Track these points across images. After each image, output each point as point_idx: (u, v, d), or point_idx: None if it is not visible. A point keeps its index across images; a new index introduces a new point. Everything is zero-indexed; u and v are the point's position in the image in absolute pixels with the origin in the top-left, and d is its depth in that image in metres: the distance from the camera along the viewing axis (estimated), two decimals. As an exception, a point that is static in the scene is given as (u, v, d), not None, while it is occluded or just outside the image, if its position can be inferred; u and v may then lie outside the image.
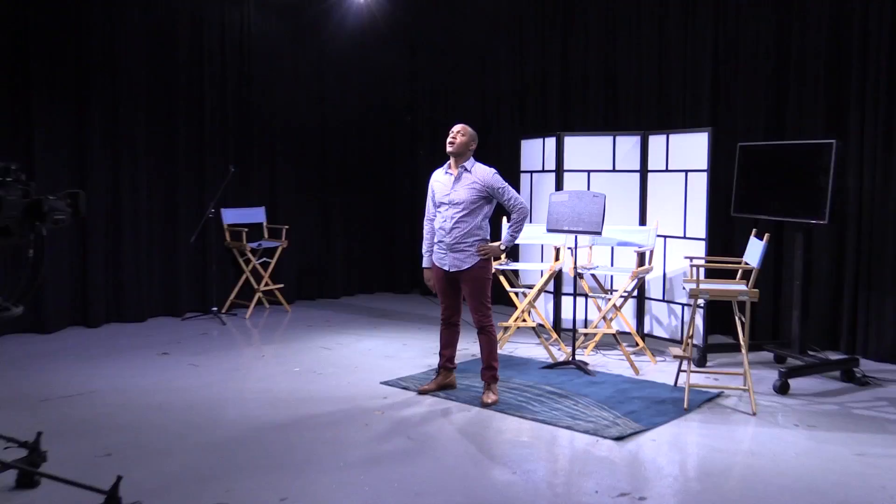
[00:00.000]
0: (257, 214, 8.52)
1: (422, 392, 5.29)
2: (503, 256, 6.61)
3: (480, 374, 5.24)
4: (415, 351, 6.61)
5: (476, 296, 5.08)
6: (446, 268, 5.09)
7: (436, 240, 5.15)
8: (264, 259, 8.32)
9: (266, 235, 8.53)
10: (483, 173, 5.08)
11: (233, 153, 8.30)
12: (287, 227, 8.42)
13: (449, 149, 5.08)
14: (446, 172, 5.16)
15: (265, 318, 8.07)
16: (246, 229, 8.06)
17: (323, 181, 9.18)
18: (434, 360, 6.21)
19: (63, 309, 7.28)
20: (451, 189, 5.07)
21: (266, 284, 8.28)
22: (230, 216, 8.26)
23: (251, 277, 8.21)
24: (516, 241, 5.27)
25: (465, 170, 5.09)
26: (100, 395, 5.27)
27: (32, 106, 6.94)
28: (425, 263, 5.26)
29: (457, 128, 5.15)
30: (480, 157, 5.31)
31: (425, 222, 5.27)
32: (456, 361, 5.41)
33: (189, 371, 5.91)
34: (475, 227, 5.04)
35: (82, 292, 7.39)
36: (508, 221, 5.20)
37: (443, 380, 5.35)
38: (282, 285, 8.47)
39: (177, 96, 7.88)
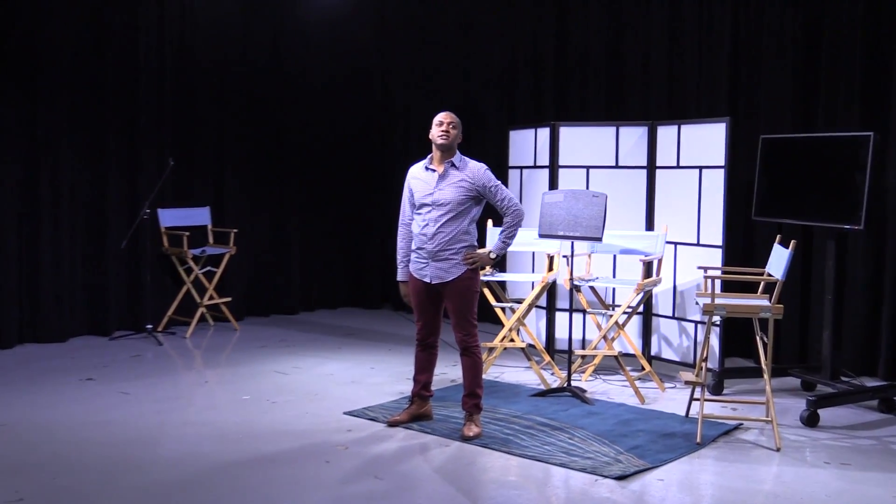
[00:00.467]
0: (201, 216, 8.48)
1: (392, 424, 5.28)
2: (488, 266, 6.61)
3: (461, 402, 5.24)
4: (384, 376, 6.60)
5: (461, 312, 5.08)
6: (427, 279, 5.09)
7: (414, 247, 5.14)
8: (209, 268, 8.28)
9: (211, 240, 8.50)
10: (474, 170, 5.10)
11: (171, 144, 8.26)
12: (236, 230, 8.39)
13: (440, 141, 5.08)
14: (427, 168, 5.15)
15: (209, 338, 8.02)
16: (187, 233, 8.02)
17: (279, 178, 9.16)
18: (407, 387, 6.18)
19: (-31, 326, 7.21)
20: (434, 188, 5.06)
21: (210, 298, 8.24)
22: (168, 218, 8.22)
23: (193, 290, 8.17)
24: (508, 249, 5.29)
25: (453, 165, 5.10)
26: (11, 428, 5.20)
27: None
28: (401, 276, 5.24)
29: (446, 117, 5.15)
30: (462, 149, 5.32)
31: (400, 227, 5.25)
32: (433, 388, 5.41)
33: (119, 400, 5.85)
34: (462, 231, 5.04)
35: (-8, 307, 7.33)
36: (499, 225, 5.22)
37: (417, 409, 5.34)
38: (229, 299, 8.44)
39: (106, 76, 7.85)
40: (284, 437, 5.08)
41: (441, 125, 5.09)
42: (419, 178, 5.15)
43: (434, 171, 5.10)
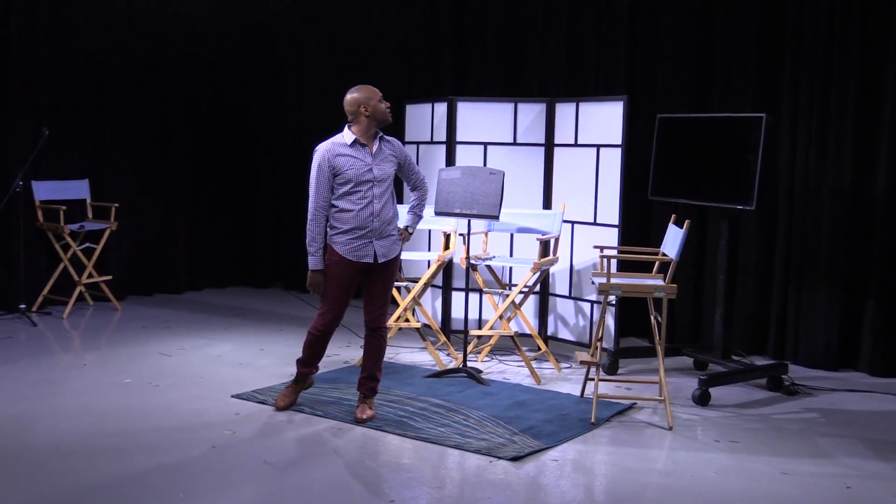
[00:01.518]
0: (79, 189, 8.23)
1: (281, 408, 5.26)
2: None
3: (358, 383, 5.25)
4: (274, 357, 6.56)
5: (389, 290, 5.22)
6: (368, 260, 5.04)
7: (346, 227, 4.97)
8: (87, 245, 8.06)
9: (90, 215, 8.26)
10: (395, 144, 5.21)
11: (46, 111, 7.98)
12: (117, 205, 8.18)
13: (390, 119, 5.12)
14: (353, 145, 5.01)
15: (88, 318, 7.82)
16: (64, 207, 7.78)
17: (163, 150, 8.94)
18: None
19: None
20: (372, 164, 5.03)
21: (89, 276, 8.03)
22: (43, 190, 7.95)
23: (70, 267, 7.93)
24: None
25: (383, 139, 5.14)
26: None
27: None
28: (315, 264, 5.01)
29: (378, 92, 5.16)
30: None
31: (316, 212, 4.99)
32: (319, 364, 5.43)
33: (-12, 384, 5.67)
34: (394, 206, 5.17)
35: None
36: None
37: (302, 385, 5.40)
38: (109, 277, 8.23)
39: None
40: (168, 422, 5.00)
41: (384, 101, 5.11)
42: (348, 156, 4.98)
43: (363, 147, 5.04)
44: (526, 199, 6.92)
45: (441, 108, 7.09)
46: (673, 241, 5.47)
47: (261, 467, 4.37)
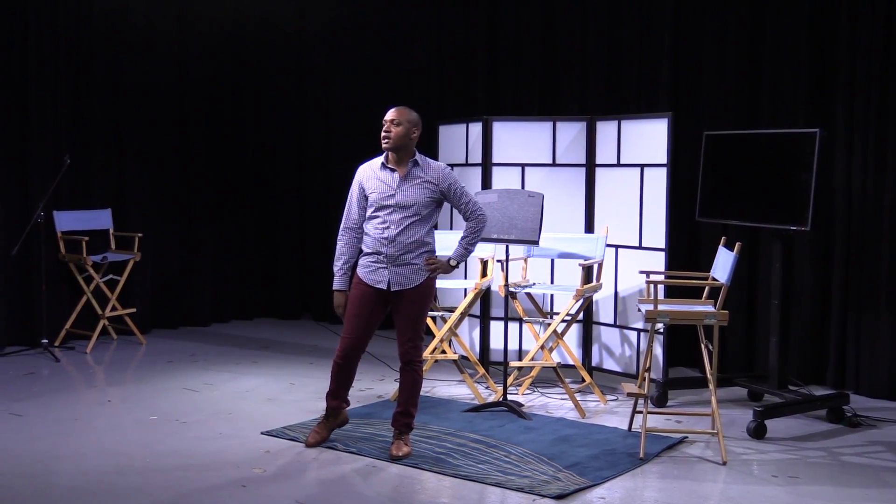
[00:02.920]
0: (101, 219, 8.33)
1: (312, 444, 5.26)
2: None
3: (392, 419, 5.24)
4: (305, 392, 6.57)
5: (415, 322, 5.14)
6: (382, 286, 5.08)
7: (368, 250, 5.12)
8: (111, 276, 8.14)
9: (113, 246, 8.36)
10: (438, 170, 5.14)
11: (66, 139, 8.10)
12: (140, 234, 8.26)
13: (385, 144, 5.07)
14: (384, 167, 5.14)
15: (112, 352, 7.89)
16: (86, 238, 7.87)
17: (187, 179, 9.04)
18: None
19: None
20: (396, 189, 5.06)
21: (113, 309, 8.10)
22: (65, 221, 8.06)
23: (93, 300, 8.02)
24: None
25: (416, 164, 5.11)
26: None
27: None
28: (339, 285, 5.19)
29: (390, 114, 5.11)
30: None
31: (343, 231, 5.21)
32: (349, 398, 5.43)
33: (9, 423, 5.72)
34: (425, 235, 5.09)
35: None
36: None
37: (334, 422, 5.37)
38: (133, 310, 8.30)
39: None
40: (196, 460, 5.02)
41: (385, 125, 5.09)
42: (377, 178, 5.12)
43: (394, 170, 5.09)
44: (567, 222, 6.91)
45: (476, 129, 7.11)
46: (724, 264, 5.43)
47: (293, 508, 4.38)
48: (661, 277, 6.04)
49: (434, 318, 6.60)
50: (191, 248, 9.12)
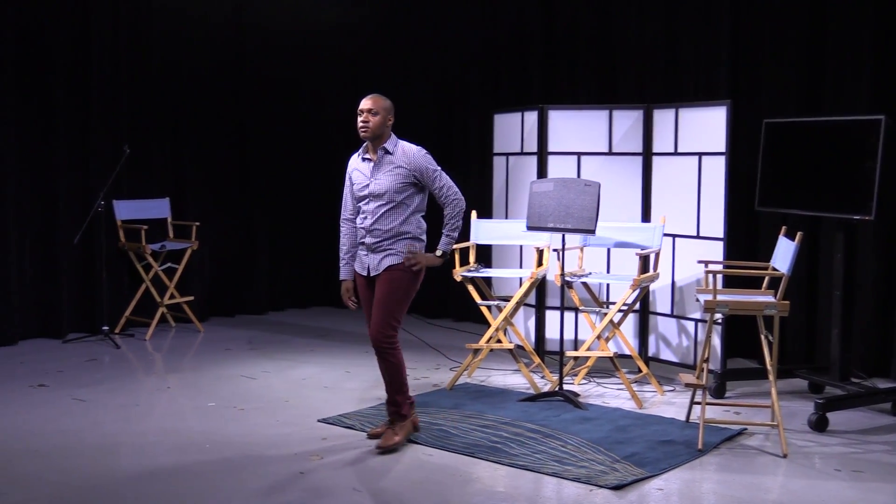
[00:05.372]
0: (160, 208, 8.44)
1: (374, 436, 5.16)
2: (472, 261, 6.64)
3: (386, 408, 5.22)
4: (361, 380, 6.61)
5: (382, 305, 5.00)
6: (364, 272, 5.13)
7: (358, 240, 5.17)
8: (169, 264, 8.25)
9: (171, 235, 8.47)
10: (410, 154, 5.06)
11: (127, 128, 8.22)
12: (198, 223, 8.36)
13: (363, 135, 5.05)
14: (363, 158, 5.15)
15: (170, 340, 8.00)
16: (145, 227, 7.99)
17: (244, 167, 9.13)
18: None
19: None
20: (370, 178, 5.06)
21: (171, 297, 8.22)
22: (125, 210, 8.18)
23: (152, 288, 8.13)
24: (455, 244, 5.21)
25: (386, 152, 5.07)
26: (-43, 439, 5.19)
27: None
28: (343, 274, 5.28)
29: (366, 103, 5.07)
30: (443, 134, 5.32)
31: (342, 222, 5.29)
32: (412, 394, 5.37)
33: (73, 407, 5.84)
34: (402, 223, 5.02)
35: (-67, 308, 7.28)
36: (484, 217, 5.21)
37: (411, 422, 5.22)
38: (191, 298, 8.41)
39: (55, 57, 7.80)
40: (254, 447, 5.07)
41: (361, 114, 5.05)
42: (357, 169, 5.16)
43: (369, 160, 5.11)
44: (623, 211, 6.87)
45: (531, 118, 7.08)
46: (784, 254, 5.35)
47: (351, 495, 4.41)
48: (719, 267, 5.97)
49: (489, 308, 6.59)
50: (247, 236, 9.21)
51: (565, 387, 6.13)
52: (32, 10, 7.69)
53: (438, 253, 5.06)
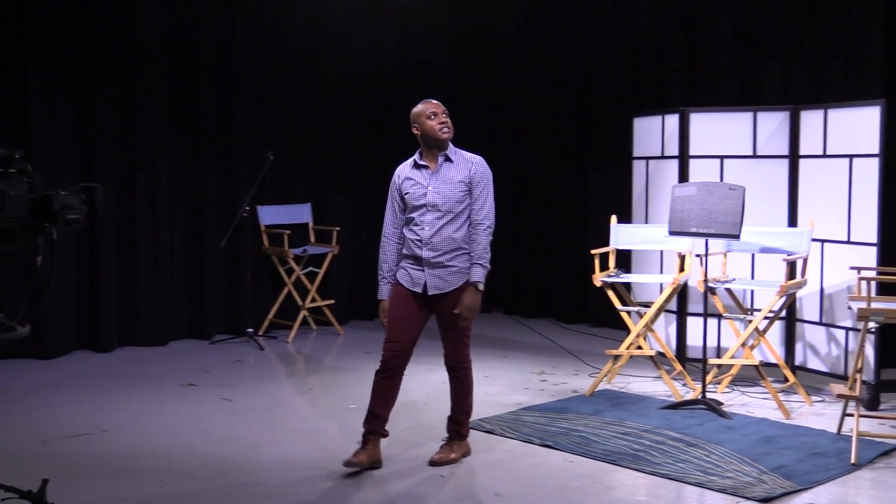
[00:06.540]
0: (302, 213, 8.63)
1: (349, 464, 4.75)
2: (612, 266, 6.56)
3: (447, 425, 5.06)
4: (500, 385, 6.61)
5: (458, 327, 4.83)
6: (417, 289, 4.83)
7: (406, 253, 4.88)
8: (310, 268, 8.42)
9: (312, 239, 8.64)
10: (470, 161, 4.86)
11: (269, 136, 8.45)
12: (338, 228, 8.51)
13: (446, 136, 4.84)
14: (416, 167, 4.90)
15: (312, 342, 8.17)
16: (288, 231, 8.18)
17: (381, 173, 9.19)
18: (526, 397, 6.20)
19: (68, 329, 7.51)
20: (427, 187, 4.81)
21: (313, 300, 8.38)
22: (268, 215, 8.39)
23: (294, 291, 8.32)
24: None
25: (447, 159, 4.85)
26: (113, 434, 5.41)
27: (30, 85, 7.20)
28: (383, 294, 4.93)
29: (438, 106, 4.90)
30: (581, 138, 5.26)
31: (384, 238, 4.98)
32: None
33: (220, 407, 6.03)
34: (462, 237, 4.79)
35: (91, 309, 7.62)
36: (624, 221, 5.04)
37: (373, 449, 4.86)
38: (332, 301, 8.56)
39: (202, 70, 8.08)
40: (394, 449, 5.11)
41: (437, 116, 4.83)
42: (411, 179, 4.87)
43: (425, 167, 4.86)
44: (769, 216, 6.67)
45: (672, 121, 6.96)
46: (944, 260, 5.10)
47: (492, 498, 4.40)
48: (873, 273, 5.73)
49: (629, 313, 6.50)
50: (385, 241, 9.31)
51: (708, 395, 5.99)
52: (180, 15, 7.97)
53: (481, 287, 4.78)
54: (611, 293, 6.45)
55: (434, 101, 4.92)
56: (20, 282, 6.53)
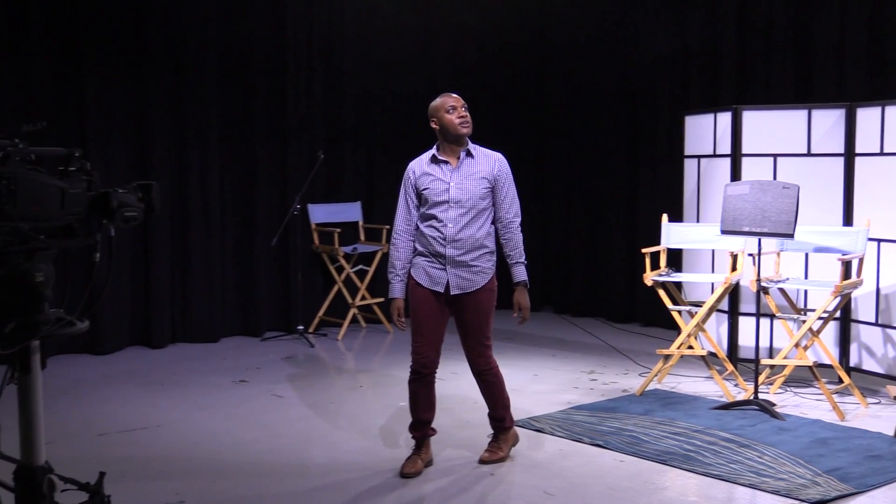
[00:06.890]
0: (352, 211, 8.68)
1: (407, 475, 4.70)
2: (663, 265, 6.52)
3: (490, 423, 5.01)
4: (549, 384, 6.59)
5: (479, 329, 4.79)
6: (439, 288, 4.72)
7: (424, 251, 4.75)
8: (360, 267, 8.47)
9: (362, 237, 8.68)
10: (491, 157, 4.79)
11: (321, 136, 8.50)
12: (388, 227, 8.53)
13: (466, 130, 4.73)
14: (433, 162, 4.79)
15: (361, 340, 8.21)
16: (338, 230, 8.22)
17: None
18: (575, 396, 6.19)
19: (122, 326, 7.63)
20: (450, 183, 4.72)
21: (363, 298, 8.42)
22: (319, 213, 8.45)
23: (344, 289, 8.37)
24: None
25: (469, 154, 4.77)
26: (167, 429, 5.49)
27: (86, 85, 7.33)
28: (397, 292, 4.78)
29: (458, 100, 4.78)
30: (631, 136, 5.23)
31: (396, 235, 4.84)
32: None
33: (272, 403, 6.09)
34: (485, 235, 4.74)
35: (144, 306, 7.74)
36: (675, 220, 5.03)
37: (426, 452, 4.85)
38: (382, 299, 8.59)
39: (255, 69, 8.16)
40: (444, 446, 5.13)
41: (456, 110, 4.72)
42: (429, 174, 4.75)
43: (445, 163, 4.76)
44: (823, 215, 6.58)
45: (724, 119, 6.89)
46: None
47: (543, 497, 4.40)
48: (930, 273, 5.64)
49: (680, 313, 6.45)
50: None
51: (760, 396, 5.93)
52: (232, 18, 8.04)
53: (528, 286, 4.85)
54: (662, 292, 6.41)
55: (453, 95, 4.82)
56: (79, 278, 6.69)
